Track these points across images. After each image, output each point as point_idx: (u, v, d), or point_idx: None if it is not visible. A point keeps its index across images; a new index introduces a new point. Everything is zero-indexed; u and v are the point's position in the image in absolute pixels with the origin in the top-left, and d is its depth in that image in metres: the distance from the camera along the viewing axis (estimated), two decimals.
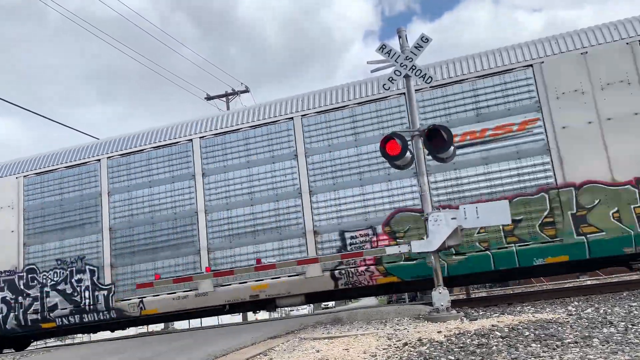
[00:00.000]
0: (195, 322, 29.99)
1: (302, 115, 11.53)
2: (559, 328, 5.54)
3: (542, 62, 10.15)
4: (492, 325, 6.14)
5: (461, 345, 5.07)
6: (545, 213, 9.69)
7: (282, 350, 5.98)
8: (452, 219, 7.79)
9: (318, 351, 5.59)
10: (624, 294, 8.93)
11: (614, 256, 9.50)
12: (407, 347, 5.34)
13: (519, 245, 9.71)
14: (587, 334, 5.00)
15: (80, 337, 28.66)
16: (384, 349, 5.34)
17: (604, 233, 9.36)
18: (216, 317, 21.26)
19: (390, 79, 8.51)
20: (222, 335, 8.28)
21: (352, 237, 10.78)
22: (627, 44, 9.74)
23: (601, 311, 6.70)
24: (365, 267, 10.53)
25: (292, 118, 11.57)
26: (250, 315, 26.43)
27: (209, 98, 30.54)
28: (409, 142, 8.36)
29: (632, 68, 9.65)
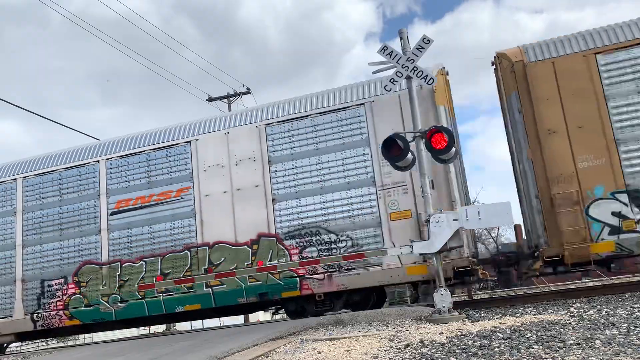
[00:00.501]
0: (197, 324, 30.00)
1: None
2: (561, 329, 5.53)
3: (197, 140, 11.93)
4: (494, 327, 6.13)
5: (463, 346, 5.06)
6: (186, 268, 11.40)
7: (284, 352, 5.97)
8: (454, 220, 7.79)
9: (320, 352, 5.58)
10: (627, 296, 8.91)
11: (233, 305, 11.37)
12: (408, 348, 5.33)
13: (166, 295, 11.42)
14: (589, 336, 4.99)
15: (82, 338, 28.70)
16: (385, 350, 5.33)
17: (224, 286, 11.06)
18: (217, 318, 21.25)
19: (392, 80, 8.51)
20: (223, 337, 8.27)
21: (49, 286, 12.31)
22: (256, 127, 11.52)
23: (603, 313, 6.68)
24: (56, 311, 12.08)
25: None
26: (252, 317, 26.42)
27: (210, 99, 30.60)
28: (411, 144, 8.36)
29: (257, 148, 11.42)
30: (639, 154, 9.53)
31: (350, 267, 10.45)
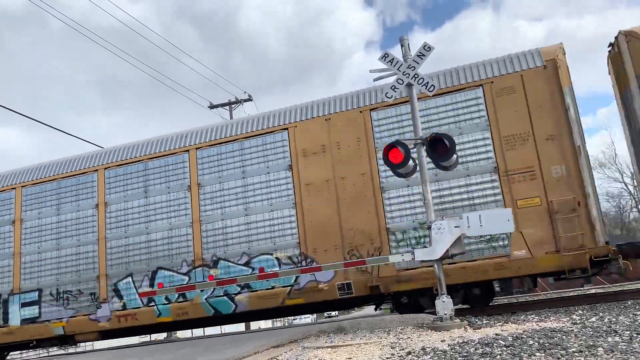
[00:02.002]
0: (198, 332, 29.91)
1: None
2: (564, 337, 5.51)
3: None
4: (496, 334, 6.11)
5: (465, 354, 5.04)
6: None
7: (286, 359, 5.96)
8: (456, 227, 7.78)
9: None
10: (629, 303, 8.89)
11: None
12: (410, 356, 5.31)
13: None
14: (591, 343, 4.97)
15: (83, 346, 28.62)
16: (387, 358, 5.32)
17: None
18: (219, 326, 21.17)
19: (393, 87, 8.53)
20: (224, 344, 8.26)
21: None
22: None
23: (606, 320, 6.66)
24: None
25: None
26: (254, 324, 26.35)
27: (212, 107, 30.69)
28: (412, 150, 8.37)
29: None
30: None
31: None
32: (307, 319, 40.30)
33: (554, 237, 9.59)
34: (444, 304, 7.67)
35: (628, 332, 5.47)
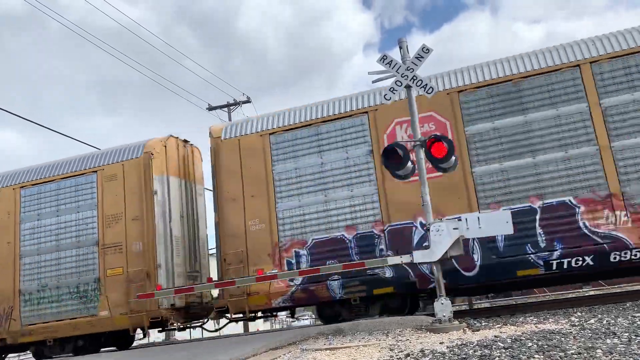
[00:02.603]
0: (196, 333, 29.85)
1: None
2: (562, 339, 5.51)
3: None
4: (495, 336, 6.11)
5: (463, 356, 5.04)
6: None
7: None
8: (454, 229, 7.78)
9: None
10: (627, 304, 8.88)
11: None
12: (409, 358, 5.31)
13: None
14: (590, 345, 4.97)
15: None
16: None
17: None
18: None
19: (392, 89, 8.53)
20: (223, 346, 8.24)
21: None
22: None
23: (604, 322, 6.66)
24: None
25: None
26: (252, 325, 26.32)
27: (210, 108, 30.68)
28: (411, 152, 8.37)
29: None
30: None
31: None
32: (306, 320, 40.25)
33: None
34: (443, 306, 7.67)
35: (627, 334, 5.47)
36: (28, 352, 13.77)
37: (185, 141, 13.47)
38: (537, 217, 9.70)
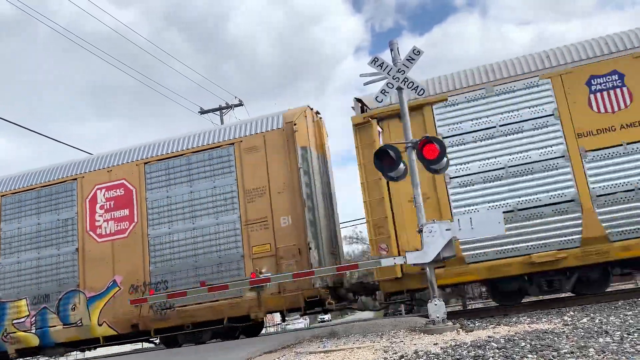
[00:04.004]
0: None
1: None
2: (555, 338, 5.54)
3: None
4: (488, 337, 6.13)
5: (457, 357, 5.05)
6: None
7: None
8: (447, 230, 7.80)
9: None
10: (619, 303, 8.93)
11: None
12: (403, 359, 5.32)
13: None
14: (583, 344, 5.00)
15: (74, 355, 28.33)
16: None
17: None
18: None
19: (383, 91, 8.55)
20: (215, 351, 8.21)
21: None
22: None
23: (597, 321, 6.70)
24: None
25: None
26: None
27: (202, 112, 30.59)
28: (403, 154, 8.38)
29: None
30: None
31: None
32: (300, 324, 40.14)
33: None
34: (436, 307, 7.68)
35: (619, 333, 5.50)
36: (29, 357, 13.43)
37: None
38: None
